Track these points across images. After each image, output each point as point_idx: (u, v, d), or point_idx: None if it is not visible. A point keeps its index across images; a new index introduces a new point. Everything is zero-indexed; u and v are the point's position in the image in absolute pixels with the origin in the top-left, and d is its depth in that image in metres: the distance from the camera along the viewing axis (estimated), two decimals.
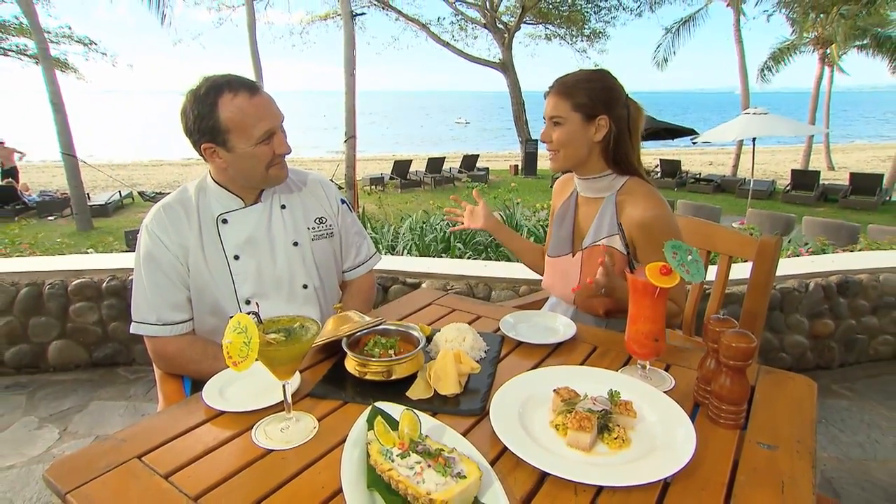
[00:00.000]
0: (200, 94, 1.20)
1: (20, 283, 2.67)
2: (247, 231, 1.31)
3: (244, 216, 1.32)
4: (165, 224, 1.26)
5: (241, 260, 1.30)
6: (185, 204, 1.30)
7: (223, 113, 1.19)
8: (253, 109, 1.21)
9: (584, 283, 1.43)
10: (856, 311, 2.72)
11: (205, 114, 1.19)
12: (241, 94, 1.20)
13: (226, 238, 1.30)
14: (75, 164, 9.62)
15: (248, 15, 10.34)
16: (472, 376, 1.07)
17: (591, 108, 1.36)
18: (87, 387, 2.61)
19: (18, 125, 36.97)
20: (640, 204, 1.36)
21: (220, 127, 1.20)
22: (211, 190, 1.32)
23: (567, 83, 1.38)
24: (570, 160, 1.42)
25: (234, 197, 1.32)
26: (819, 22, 15.43)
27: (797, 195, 12.39)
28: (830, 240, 4.77)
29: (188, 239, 1.27)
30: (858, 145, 30.25)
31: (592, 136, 1.38)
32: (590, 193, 1.47)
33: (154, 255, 1.25)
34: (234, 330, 0.81)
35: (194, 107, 1.20)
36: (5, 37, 16.35)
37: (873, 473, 1.97)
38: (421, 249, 3.77)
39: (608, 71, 1.43)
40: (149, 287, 1.25)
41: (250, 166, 1.25)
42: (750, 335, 0.89)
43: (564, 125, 1.38)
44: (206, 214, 1.30)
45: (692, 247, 1.01)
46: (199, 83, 1.22)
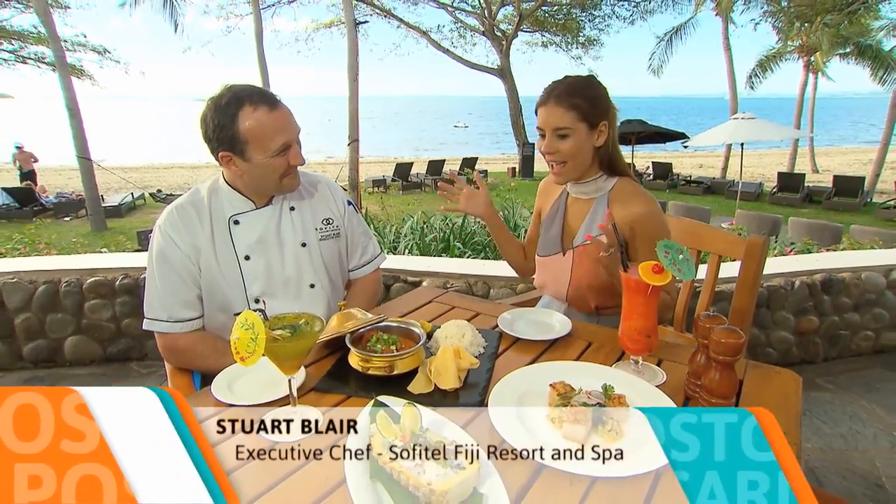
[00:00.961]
0: (222, 105, 1.20)
1: (38, 281, 2.67)
2: (257, 232, 1.31)
3: (255, 217, 1.32)
4: (178, 224, 1.26)
5: (251, 260, 1.30)
6: (198, 205, 1.29)
7: (242, 125, 1.19)
8: (272, 123, 1.20)
9: (581, 283, 1.42)
10: (839, 308, 2.72)
11: (225, 124, 1.19)
12: (261, 108, 1.19)
13: (237, 238, 1.30)
14: (90, 166, 9.61)
15: (255, 23, 10.33)
16: (471, 371, 1.06)
17: (595, 117, 1.32)
18: (102, 380, 2.62)
19: (37, 130, 36.95)
20: (630, 202, 1.35)
21: (238, 138, 1.20)
22: (223, 192, 1.32)
23: (566, 92, 1.31)
24: (576, 171, 1.37)
25: (245, 199, 1.32)
26: (803, 31, 15.43)
27: (783, 197, 12.39)
28: (815, 240, 4.78)
29: (200, 239, 1.27)
30: (841, 149, 30.22)
31: (594, 143, 1.34)
32: (581, 195, 1.45)
33: (166, 255, 1.25)
34: (241, 326, 0.81)
35: (215, 116, 1.20)
36: (24, 45, 16.36)
37: (854, 463, 1.97)
38: (422, 249, 3.76)
39: (593, 75, 1.40)
40: (161, 285, 1.25)
41: (264, 175, 1.25)
42: (738, 331, 0.89)
43: (572, 136, 1.31)
44: (219, 215, 1.30)
45: (683, 246, 1.00)
46: (221, 92, 1.22)
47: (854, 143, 34.86)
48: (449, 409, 0.94)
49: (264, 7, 16.52)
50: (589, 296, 1.44)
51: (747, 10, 16.24)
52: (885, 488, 1.84)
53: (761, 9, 15.86)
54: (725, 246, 1.63)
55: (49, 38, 9.49)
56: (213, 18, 18.14)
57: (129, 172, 16.58)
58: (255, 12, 10.45)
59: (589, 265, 1.40)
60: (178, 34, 14.07)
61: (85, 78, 17.19)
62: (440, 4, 18.38)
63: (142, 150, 28.47)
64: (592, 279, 1.40)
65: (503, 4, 18.21)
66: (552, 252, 1.50)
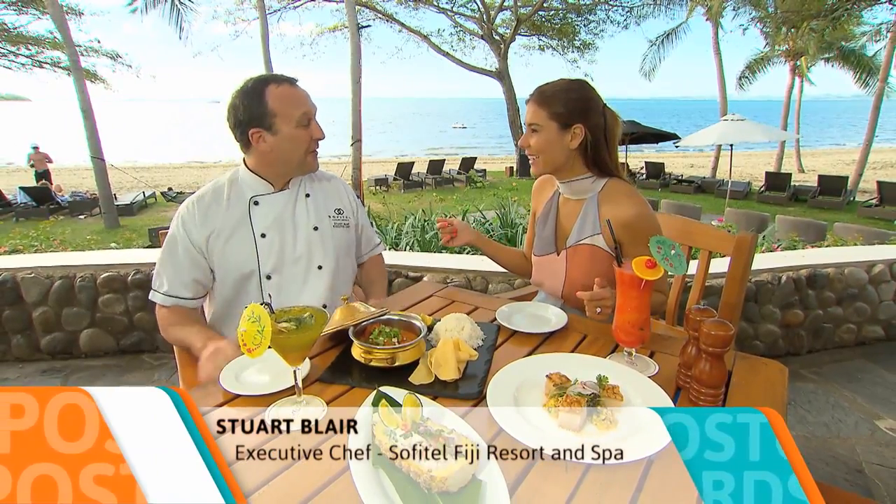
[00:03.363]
0: (248, 88, 1.28)
1: (54, 276, 2.66)
2: (275, 212, 1.37)
3: (273, 199, 1.37)
4: (195, 214, 1.32)
5: (266, 238, 1.35)
6: (217, 191, 1.36)
7: (270, 99, 1.27)
8: (295, 95, 1.30)
9: (575, 282, 1.41)
10: (823, 302, 2.72)
11: (253, 103, 1.27)
12: (283, 84, 1.30)
13: (255, 218, 1.35)
14: (103, 166, 9.59)
15: (261, 27, 10.29)
16: (470, 363, 1.06)
17: (567, 118, 1.33)
18: (116, 371, 2.61)
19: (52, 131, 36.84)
20: (622, 203, 1.33)
21: (267, 111, 1.27)
22: (243, 178, 1.38)
23: (545, 92, 1.34)
24: (548, 165, 1.39)
25: (265, 183, 1.37)
26: (790, 36, 15.37)
27: (771, 196, 12.38)
28: (801, 236, 4.77)
29: (216, 222, 1.32)
30: (826, 150, 30.18)
31: (568, 143, 1.35)
32: (571, 195, 1.44)
33: (176, 240, 1.32)
34: (248, 319, 0.80)
35: (243, 99, 1.28)
36: (41, 50, 16.32)
37: (836, 450, 1.97)
38: (422, 245, 3.76)
39: (587, 81, 1.39)
40: (163, 261, 1.33)
41: (291, 149, 1.32)
42: (728, 324, 0.89)
43: (541, 132, 1.34)
44: (239, 197, 1.36)
45: (675, 242, 1.00)
46: (245, 81, 1.31)
47: (838, 145, 34.81)
48: (449, 399, 0.94)
49: (270, 12, 16.45)
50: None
51: (737, 15, 16.18)
52: (864, 473, 1.84)
53: (750, 14, 15.80)
54: (716, 242, 1.63)
55: (64, 43, 9.46)
56: (221, 24, 18.00)
57: (140, 172, 16.56)
58: (261, 17, 10.40)
59: (583, 265, 1.40)
60: (183, 40, 14.01)
61: (98, 82, 17.14)
62: (440, 9, 18.30)
63: (153, 151, 28.42)
64: (588, 279, 1.38)
65: (501, 9, 18.14)
66: (547, 252, 1.49)
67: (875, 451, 1.96)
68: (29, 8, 14.92)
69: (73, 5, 15.75)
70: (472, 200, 7.60)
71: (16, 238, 4.16)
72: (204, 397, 0.96)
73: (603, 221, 1.34)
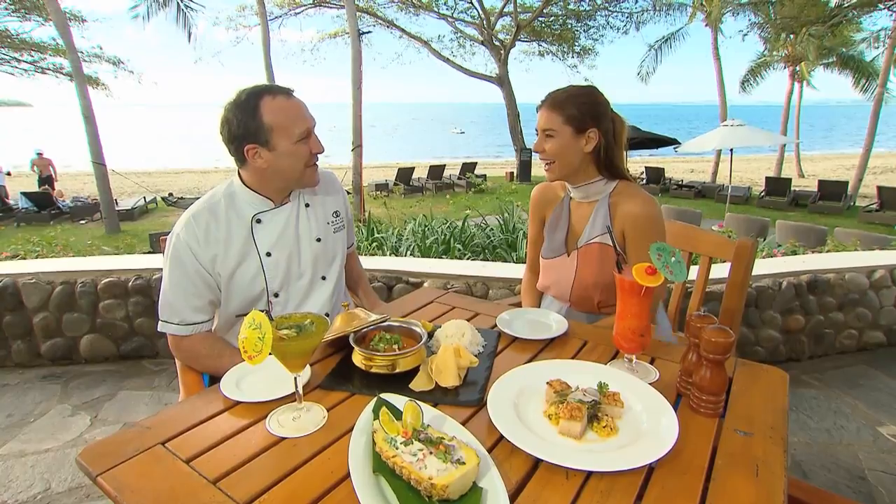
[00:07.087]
0: (242, 101, 1.20)
1: (55, 281, 2.67)
2: (278, 230, 1.31)
3: (275, 216, 1.32)
4: (196, 234, 1.23)
5: (272, 256, 1.30)
6: (215, 209, 1.27)
7: (265, 114, 1.19)
8: (292, 109, 1.22)
9: (585, 281, 1.43)
10: (824, 308, 2.72)
11: (248, 117, 1.19)
12: (279, 97, 1.21)
13: (259, 237, 1.29)
14: (104, 172, 9.62)
15: (262, 33, 10.36)
16: (470, 369, 1.06)
17: (582, 122, 1.36)
18: (116, 377, 2.61)
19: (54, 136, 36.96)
20: (635, 200, 1.37)
21: (263, 127, 1.20)
22: (240, 193, 1.30)
23: (558, 98, 1.38)
24: (564, 169, 1.41)
25: (264, 199, 1.31)
26: (789, 41, 15.44)
27: (771, 201, 12.37)
28: (801, 242, 4.76)
29: (219, 243, 1.24)
30: (826, 155, 30.17)
31: (583, 147, 1.38)
32: (583, 198, 1.47)
33: (182, 263, 1.23)
34: (249, 326, 0.81)
35: (237, 113, 1.20)
36: (44, 56, 16.42)
37: (838, 456, 1.96)
38: (423, 251, 3.75)
39: (596, 87, 1.43)
40: (175, 291, 1.24)
41: (290, 164, 1.24)
42: (728, 331, 0.89)
43: (556, 137, 1.37)
44: (240, 217, 1.28)
45: (675, 248, 1.00)
46: (238, 94, 1.22)
47: (838, 150, 34.83)
48: (449, 406, 0.94)
49: (271, 18, 16.56)
50: (593, 293, 1.45)
51: (736, 21, 16.27)
52: (867, 480, 1.83)
53: (749, 20, 15.88)
54: (716, 248, 1.63)
55: (67, 49, 9.51)
56: (222, 30, 18.10)
57: (141, 177, 16.58)
58: (262, 23, 10.48)
59: (593, 263, 1.43)
60: (190, 44, 14.09)
61: (100, 87, 17.22)
62: (441, 15, 18.42)
63: (154, 156, 28.46)
64: (597, 277, 1.43)
65: (501, 15, 18.25)
66: (558, 254, 1.51)
67: (878, 457, 1.95)
68: (32, 14, 15.04)
69: (76, 12, 15.90)
70: (473, 206, 7.60)
71: (17, 244, 4.17)
72: (206, 404, 0.96)
73: (614, 218, 1.38)
